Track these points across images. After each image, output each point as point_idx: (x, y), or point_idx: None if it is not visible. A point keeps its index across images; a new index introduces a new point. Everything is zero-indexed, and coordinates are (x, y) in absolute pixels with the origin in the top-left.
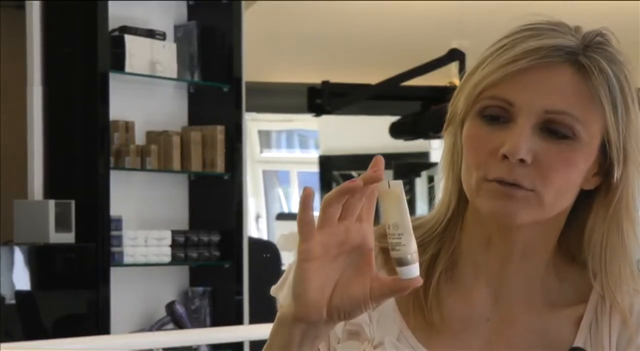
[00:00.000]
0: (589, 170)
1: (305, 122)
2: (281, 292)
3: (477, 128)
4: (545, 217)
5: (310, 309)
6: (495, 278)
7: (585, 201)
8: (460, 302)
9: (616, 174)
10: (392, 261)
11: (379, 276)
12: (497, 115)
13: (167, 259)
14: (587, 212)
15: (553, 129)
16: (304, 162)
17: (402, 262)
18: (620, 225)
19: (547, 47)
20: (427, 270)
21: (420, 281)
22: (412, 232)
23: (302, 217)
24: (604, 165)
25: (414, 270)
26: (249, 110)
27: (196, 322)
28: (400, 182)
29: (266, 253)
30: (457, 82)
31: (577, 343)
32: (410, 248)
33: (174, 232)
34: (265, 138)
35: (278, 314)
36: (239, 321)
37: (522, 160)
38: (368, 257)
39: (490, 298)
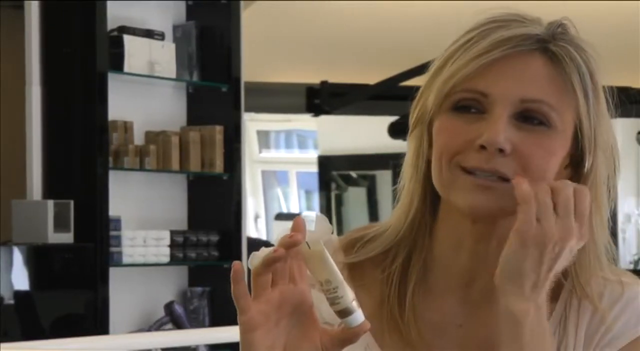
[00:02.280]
0: (562, 162)
1: (304, 122)
2: None
3: (450, 121)
4: None
5: None
6: (467, 282)
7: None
8: (431, 310)
9: (587, 163)
10: (365, 263)
11: (326, 330)
12: (470, 106)
13: (166, 259)
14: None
15: (529, 118)
16: (302, 162)
17: (346, 313)
18: (590, 217)
19: (518, 36)
20: (400, 281)
21: (368, 325)
22: (344, 281)
23: (235, 291)
24: (575, 155)
25: (358, 317)
26: (247, 110)
27: (195, 322)
28: (319, 240)
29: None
30: None
31: None
32: (349, 297)
33: (172, 232)
34: (264, 139)
35: None
36: (237, 321)
37: (500, 150)
38: (310, 314)
39: (462, 304)
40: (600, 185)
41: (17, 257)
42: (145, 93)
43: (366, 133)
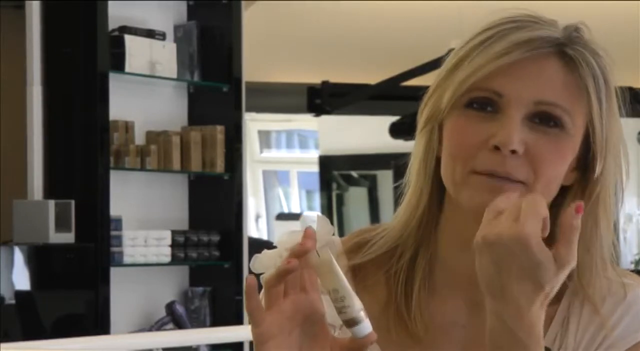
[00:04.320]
0: (570, 165)
1: (305, 122)
2: None
3: (463, 120)
4: None
5: None
6: (471, 282)
7: (556, 198)
8: (435, 310)
9: (597, 168)
10: (370, 264)
11: (336, 339)
12: (484, 105)
13: (167, 259)
14: (557, 208)
15: (542, 120)
16: (303, 162)
17: (353, 323)
18: (598, 222)
19: (537, 38)
20: (407, 278)
21: (375, 337)
22: (352, 291)
23: (248, 305)
24: (583, 159)
25: (365, 328)
26: (248, 110)
27: (196, 322)
28: (327, 248)
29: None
30: None
31: (547, 340)
32: (356, 306)
33: (173, 232)
34: (265, 138)
35: None
36: (238, 321)
37: (513, 151)
38: (322, 324)
39: (466, 305)
40: (608, 189)
41: (18, 256)
42: (146, 93)
43: (367, 133)
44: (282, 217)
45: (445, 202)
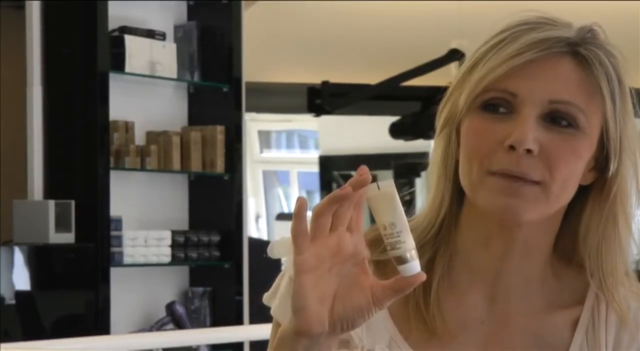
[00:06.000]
0: (587, 164)
1: (305, 122)
2: (273, 300)
3: (479, 121)
4: (550, 211)
5: (312, 322)
6: (491, 279)
7: (579, 199)
8: (455, 305)
9: (612, 167)
10: (392, 261)
11: (377, 281)
12: (499, 106)
13: (167, 259)
14: (582, 210)
15: (557, 119)
16: (303, 162)
17: (404, 260)
18: (616, 221)
19: (551, 38)
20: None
21: (424, 277)
22: (409, 228)
23: (296, 227)
24: (600, 159)
25: (416, 267)
26: (248, 110)
27: (196, 322)
28: (391, 182)
29: (266, 253)
30: None
31: (574, 346)
32: (410, 244)
33: (173, 232)
34: (265, 139)
35: (279, 332)
36: (238, 321)
37: (528, 151)
38: (363, 266)
39: (486, 300)
40: (626, 189)
41: (18, 257)
42: (146, 94)
43: (367, 133)
44: (282, 217)
45: (465, 203)
